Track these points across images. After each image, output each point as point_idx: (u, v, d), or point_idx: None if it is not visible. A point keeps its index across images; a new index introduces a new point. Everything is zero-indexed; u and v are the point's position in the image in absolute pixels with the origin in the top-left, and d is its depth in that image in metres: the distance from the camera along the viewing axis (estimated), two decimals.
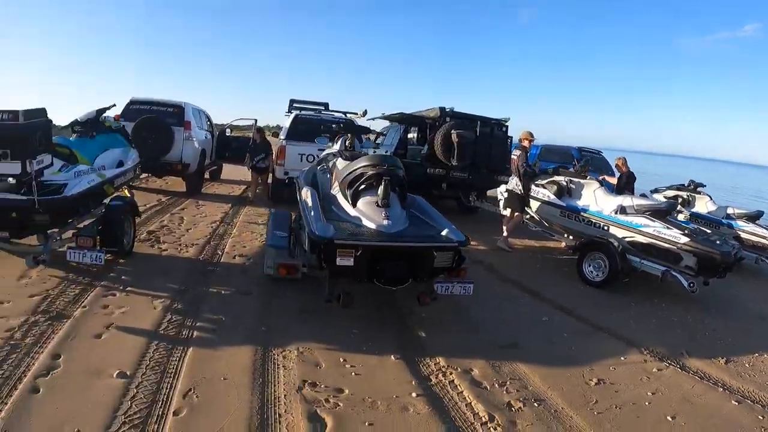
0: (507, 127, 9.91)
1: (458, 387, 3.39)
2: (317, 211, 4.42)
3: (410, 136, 11.19)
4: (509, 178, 7.81)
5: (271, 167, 10.60)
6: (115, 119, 8.41)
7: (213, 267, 5.66)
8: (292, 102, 11.36)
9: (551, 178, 7.28)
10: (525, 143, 7.69)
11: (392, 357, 3.74)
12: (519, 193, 7.46)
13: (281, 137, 10.35)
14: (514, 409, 3.19)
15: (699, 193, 9.21)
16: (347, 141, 6.16)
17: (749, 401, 3.64)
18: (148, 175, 10.82)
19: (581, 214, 6.68)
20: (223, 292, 4.86)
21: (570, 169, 7.39)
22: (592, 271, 6.15)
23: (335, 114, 10.99)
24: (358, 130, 6.20)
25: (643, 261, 5.91)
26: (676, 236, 5.68)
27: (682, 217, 7.28)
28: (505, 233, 7.65)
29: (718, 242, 5.72)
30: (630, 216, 6.19)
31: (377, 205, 4.47)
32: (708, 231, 6.26)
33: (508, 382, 3.50)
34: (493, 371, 3.65)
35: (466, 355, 3.86)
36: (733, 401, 3.61)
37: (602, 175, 8.76)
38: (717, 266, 5.60)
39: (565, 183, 7.04)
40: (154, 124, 9.45)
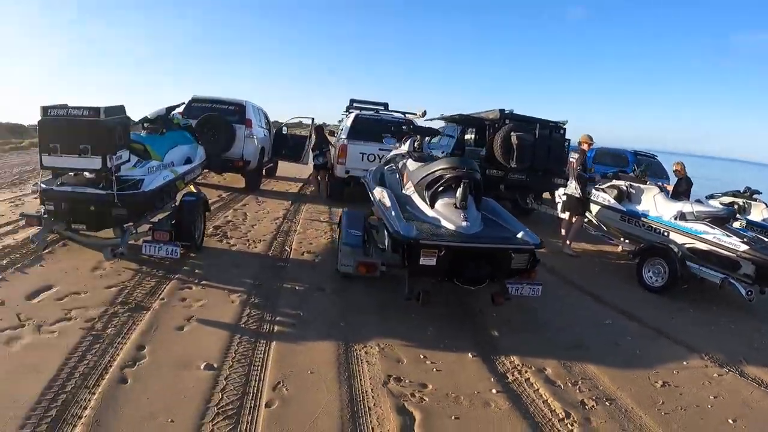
0: (565, 129, 9.93)
1: (534, 385, 3.58)
2: (398, 212, 4.54)
3: (467, 137, 11.29)
4: (567, 181, 7.83)
5: (329, 164, 10.79)
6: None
7: (283, 263, 5.84)
8: (352, 101, 11.42)
9: (611, 182, 7.35)
10: (584, 146, 7.71)
11: (469, 354, 3.93)
12: (578, 196, 7.48)
13: (341, 136, 10.45)
14: (587, 407, 3.38)
15: (755, 200, 9.03)
16: (416, 142, 6.25)
17: None
18: (207, 171, 11.07)
19: (641, 219, 6.76)
20: (297, 288, 5.03)
21: (629, 174, 7.47)
22: (651, 277, 6.21)
23: (394, 114, 11.04)
24: (428, 131, 6.35)
25: (701, 268, 5.95)
26: (735, 244, 5.72)
27: (737, 225, 7.27)
28: (567, 239, 7.68)
29: None
30: (690, 222, 6.25)
31: (455, 207, 4.58)
32: (766, 240, 6.26)
33: (580, 382, 3.69)
34: (565, 371, 3.84)
35: (537, 355, 4.05)
36: None
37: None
38: None
39: (626, 188, 7.11)
40: (216, 121, 9.63)
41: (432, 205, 4.80)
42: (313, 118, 12.06)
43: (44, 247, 5.21)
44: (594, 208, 7.53)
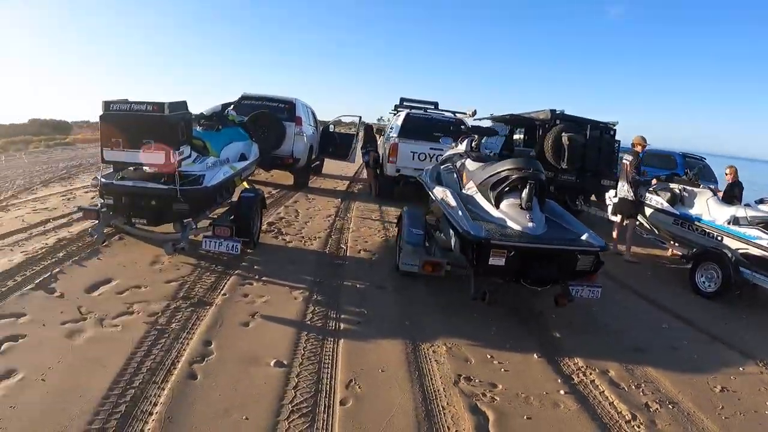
0: (615, 130, 9.85)
1: (599, 386, 3.70)
2: (464, 211, 4.57)
3: (515, 137, 11.26)
4: (619, 183, 7.70)
5: (370, 162, 10.89)
6: None
7: (341, 261, 5.97)
8: (402, 100, 11.44)
9: (664, 185, 7.34)
10: (638, 149, 7.57)
11: (534, 355, 4.05)
12: (631, 199, 7.44)
13: (392, 135, 10.44)
14: (651, 409, 3.50)
15: None
16: (474, 142, 6.23)
17: None
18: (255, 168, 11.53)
19: (694, 223, 6.77)
20: (358, 286, 5.13)
21: (682, 177, 7.46)
22: (704, 282, 6.21)
23: (445, 113, 11.02)
24: (486, 132, 6.38)
25: (755, 274, 5.91)
26: None
27: None
28: (625, 246, 7.57)
29: None
30: (743, 227, 6.24)
31: (521, 208, 4.60)
32: None
33: (643, 384, 3.82)
34: (627, 373, 3.97)
35: (600, 357, 4.16)
36: None
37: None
38: None
39: (679, 191, 7.11)
40: (267, 118, 9.71)
41: (497, 206, 4.82)
42: (360, 117, 12.24)
43: (103, 240, 5.29)
44: (647, 211, 7.51)
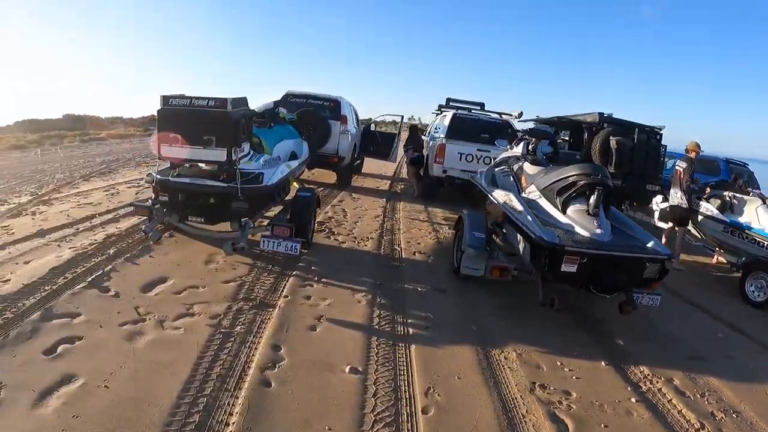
0: (661, 135, 9.74)
1: (666, 395, 3.82)
2: (534, 217, 4.59)
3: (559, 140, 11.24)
4: (671, 190, 7.56)
5: (408, 160, 11.02)
6: None
7: (397, 263, 6.01)
8: (448, 101, 11.44)
9: (717, 192, 7.33)
10: (692, 155, 7.40)
11: (603, 363, 4.15)
12: (685, 207, 7.31)
13: (438, 135, 10.40)
14: (717, 418, 3.61)
15: None
16: (530, 145, 6.19)
17: None
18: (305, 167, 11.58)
19: (744, 231, 6.79)
20: (419, 289, 5.13)
21: (730, 183, 7.47)
22: (754, 291, 6.24)
23: (491, 114, 10.95)
24: (543, 135, 6.45)
25: None
26: None
27: None
28: (676, 253, 7.43)
29: None
30: None
31: (588, 214, 4.59)
32: None
33: (706, 393, 3.94)
34: (691, 382, 4.09)
35: (663, 365, 4.27)
36: None
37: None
38: None
39: (729, 198, 7.12)
40: (312, 116, 9.65)
41: (563, 211, 4.81)
42: (402, 116, 12.35)
43: (158, 238, 5.09)
44: (696, 218, 7.52)
